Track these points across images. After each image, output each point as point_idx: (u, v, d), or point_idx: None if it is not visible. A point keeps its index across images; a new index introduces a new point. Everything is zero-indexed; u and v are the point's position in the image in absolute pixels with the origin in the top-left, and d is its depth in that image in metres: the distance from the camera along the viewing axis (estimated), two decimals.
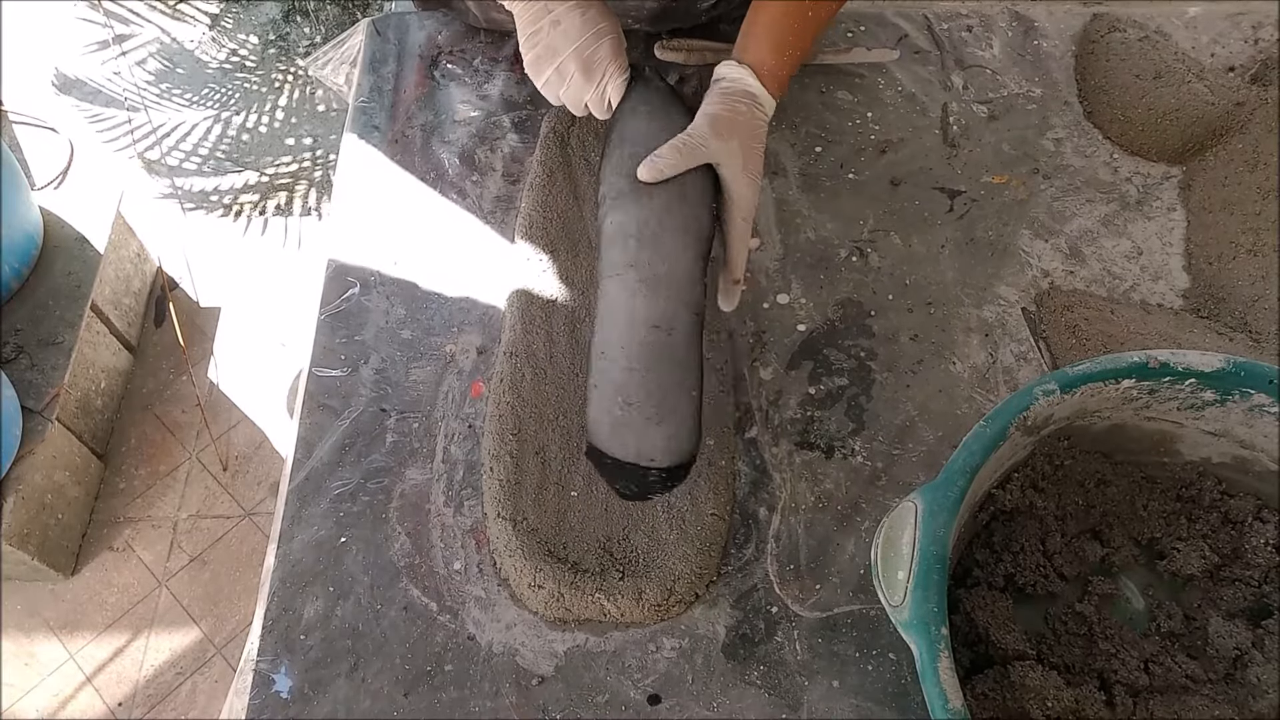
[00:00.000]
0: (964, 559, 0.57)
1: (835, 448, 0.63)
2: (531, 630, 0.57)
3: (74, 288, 1.47)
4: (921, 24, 0.86)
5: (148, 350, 1.64)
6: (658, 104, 0.63)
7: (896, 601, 0.45)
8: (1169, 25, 0.85)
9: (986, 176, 0.77)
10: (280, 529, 0.61)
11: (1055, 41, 0.85)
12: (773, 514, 0.61)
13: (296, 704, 0.55)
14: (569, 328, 0.67)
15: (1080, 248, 0.73)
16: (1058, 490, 0.57)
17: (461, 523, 0.61)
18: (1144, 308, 0.69)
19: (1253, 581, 0.54)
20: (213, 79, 1.93)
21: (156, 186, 1.79)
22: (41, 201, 1.55)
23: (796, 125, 0.79)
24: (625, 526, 0.59)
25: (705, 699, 0.54)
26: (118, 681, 1.34)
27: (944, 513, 0.46)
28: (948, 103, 0.81)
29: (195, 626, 1.39)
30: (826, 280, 0.71)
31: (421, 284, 0.71)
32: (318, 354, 0.68)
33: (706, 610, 0.57)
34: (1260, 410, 0.51)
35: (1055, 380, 0.50)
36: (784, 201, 0.75)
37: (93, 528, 1.46)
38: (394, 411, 0.65)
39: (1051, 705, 0.49)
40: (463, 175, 0.77)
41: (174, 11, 1.99)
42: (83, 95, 1.89)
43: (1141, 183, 0.77)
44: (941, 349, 0.68)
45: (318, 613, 0.57)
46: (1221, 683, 0.52)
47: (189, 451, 1.54)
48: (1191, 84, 0.76)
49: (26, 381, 1.37)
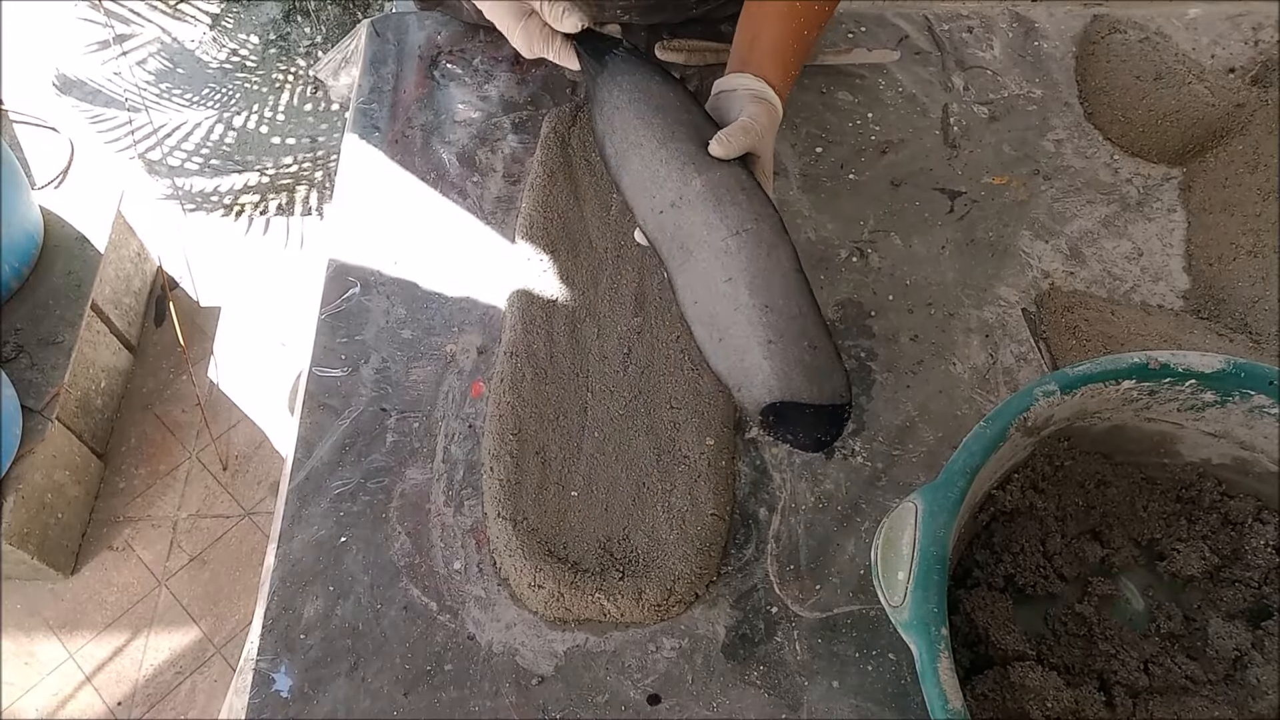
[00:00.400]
0: (964, 559, 0.57)
1: (835, 448, 0.63)
2: (531, 630, 0.57)
3: (74, 287, 1.48)
4: (922, 25, 0.86)
5: (148, 350, 1.64)
6: (655, 88, 0.64)
7: (896, 602, 0.45)
8: (1169, 26, 0.85)
9: (987, 177, 0.77)
10: (280, 528, 0.61)
11: (1056, 43, 0.85)
12: (773, 514, 0.61)
13: (296, 703, 0.55)
14: (569, 328, 0.67)
15: (1081, 249, 0.73)
16: (1058, 491, 0.57)
17: (462, 522, 0.61)
18: (1144, 309, 0.69)
19: (1252, 583, 0.54)
20: (213, 79, 1.93)
21: (157, 187, 1.79)
22: (42, 201, 1.55)
23: (797, 126, 0.80)
24: (625, 526, 0.59)
25: (705, 699, 0.54)
26: (117, 681, 1.34)
27: (944, 513, 0.46)
28: (948, 104, 0.81)
29: (195, 626, 1.39)
30: (827, 281, 0.71)
31: (422, 284, 0.71)
32: (318, 354, 0.68)
33: (706, 610, 0.57)
34: (1260, 411, 0.51)
35: (1055, 381, 0.50)
36: (784, 202, 0.75)
37: (92, 527, 1.46)
38: (394, 411, 0.65)
39: (1051, 706, 0.49)
40: (463, 176, 0.77)
41: (174, 11, 1.99)
42: (83, 95, 1.89)
43: (1142, 184, 0.77)
44: (942, 350, 0.68)
45: (318, 612, 0.57)
46: (1221, 684, 0.52)
47: (189, 451, 1.54)
48: (1192, 85, 0.76)
49: (26, 381, 1.37)
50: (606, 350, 0.66)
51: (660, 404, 0.63)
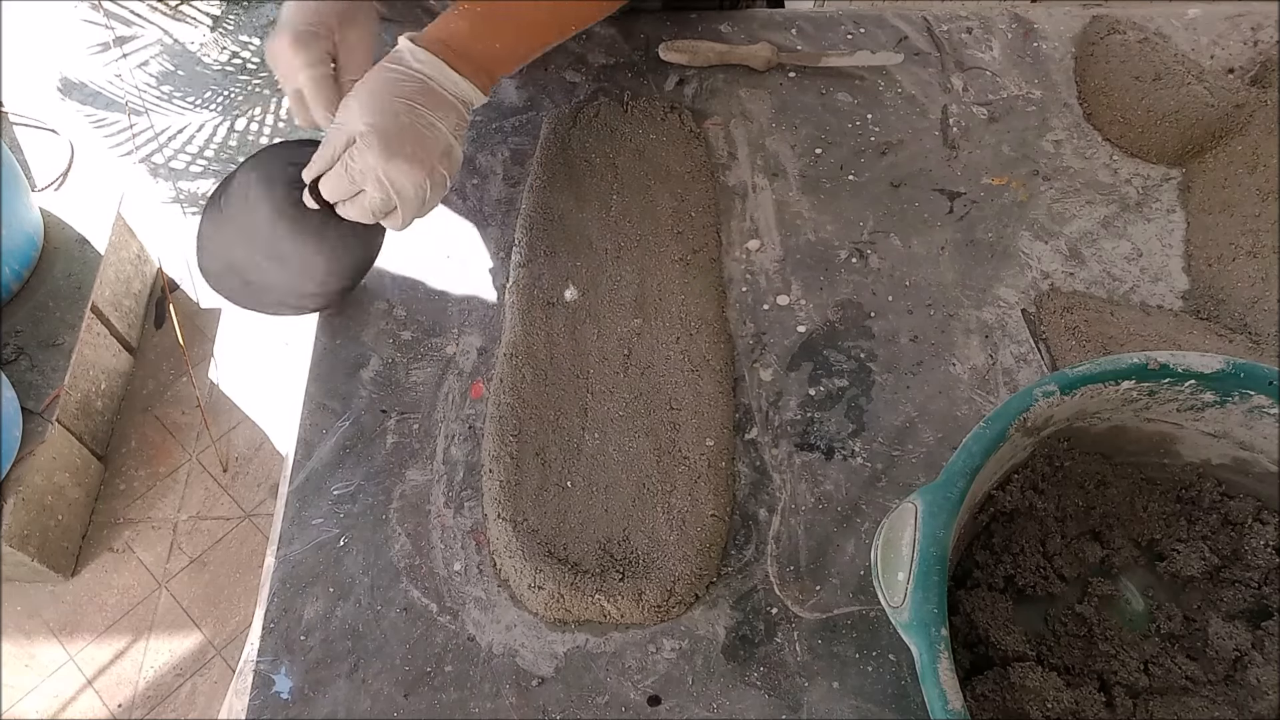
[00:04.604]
0: (964, 560, 0.57)
1: (835, 449, 0.63)
2: (531, 631, 0.57)
3: (74, 289, 1.48)
4: (921, 26, 0.86)
5: (148, 352, 1.64)
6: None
7: (896, 603, 0.45)
8: (1168, 27, 0.85)
9: (986, 178, 0.77)
10: (280, 530, 0.61)
11: (1055, 43, 0.85)
12: (773, 515, 0.61)
13: (296, 705, 0.55)
14: (569, 329, 0.67)
15: (1080, 249, 0.73)
16: (1058, 491, 0.57)
17: (462, 524, 0.61)
18: (1144, 309, 0.69)
19: (1252, 583, 0.54)
20: (215, 81, 1.93)
21: (159, 189, 1.79)
22: (42, 203, 1.55)
23: (797, 127, 0.80)
24: (625, 527, 0.59)
25: (705, 700, 0.54)
26: (117, 683, 1.34)
27: (944, 514, 0.46)
28: (947, 105, 0.81)
29: (195, 628, 1.39)
30: (826, 281, 0.71)
31: (422, 285, 0.71)
32: (318, 354, 0.68)
33: (706, 611, 0.57)
34: (1260, 412, 0.51)
35: (1055, 382, 0.50)
36: (784, 203, 0.75)
37: (93, 529, 1.46)
38: (394, 412, 0.65)
39: (1051, 706, 0.49)
40: (463, 178, 0.77)
41: (175, 13, 1.99)
42: (84, 97, 1.89)
43: (1141, 184, 0.77)
44: (941, 350, 0.68)
45: (318, 613, 0.58)
46: (1221, 684, 0.52)
47: (189, 453, 1.54)
48: (1191, 86, 0.76)
49: (27, 383, 1.37)
50: (606, 351, 0.66)
51: (660, 405, 0.63)
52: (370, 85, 0.58)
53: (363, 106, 0.57)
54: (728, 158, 0.78)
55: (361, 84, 0.59)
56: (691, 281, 0.69)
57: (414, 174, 0.57)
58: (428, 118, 0.58)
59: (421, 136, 0.58)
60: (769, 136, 0.79)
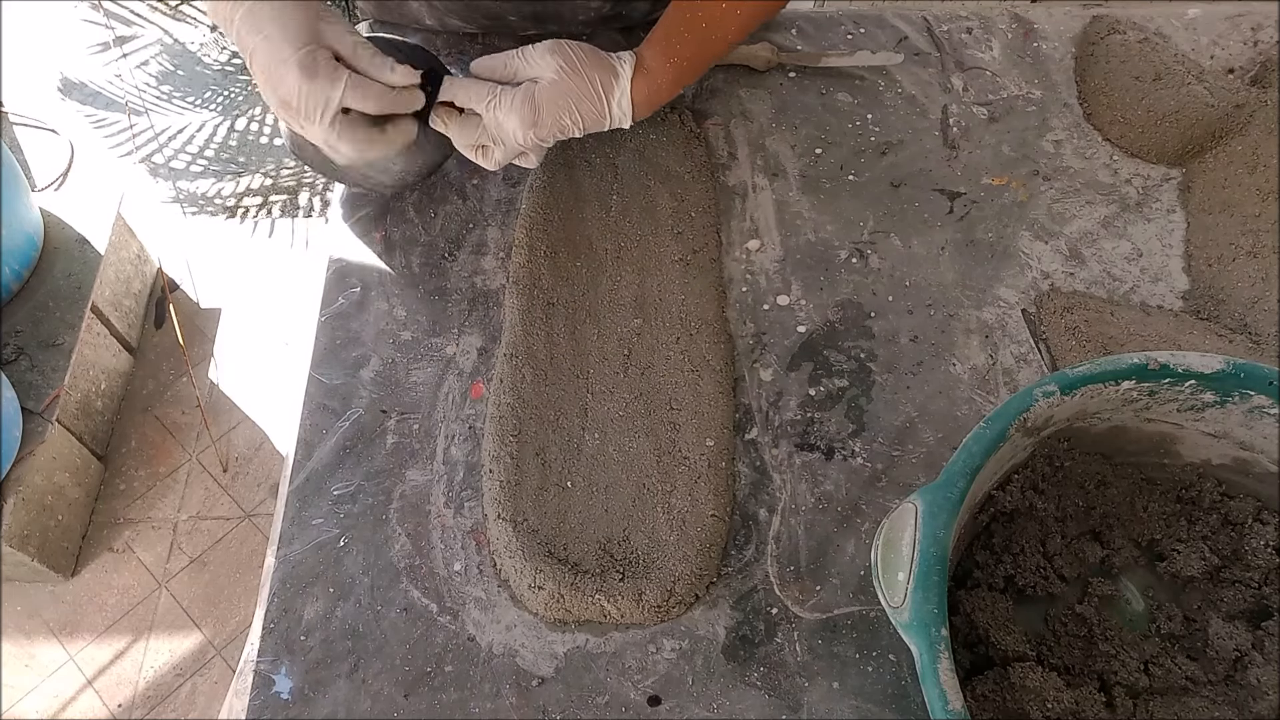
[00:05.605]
0: (964, 560, 0.57)
1: (835, 449, 0.63)
2: (531, 631, 0.57)
3: (74, 289, 1.48)
4: (921, 26, 0.86)
5: (148, 352, 1.64)
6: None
7: (896, 603, 0.45)
8: (1168, 27, 0.85)
9: (986, 178, 0.77)
10: (280, 530, 0.61)
11: (1055, 43, 0.85)
12: (773, 515, 0.61)
13: (296, 705, 0.55)
14: (569, 329, 0.67)
15: (1080, 249, 0.73)
16: (1058, 492, 0.57)
17: (462, 524, 0.61)
18: (1144, 309, 0.69)
19: (1253, 583, 0.54)
20: (215, 81, 1.93)
21: (159, 189, 1.79)
22: (42, 203, 1.55)
23: (797, 127, 0.80)
24: (625, 527, 0.59)
25: (705, 700, 0.54)
26: (117, 683, 1.34)
27: (944, 514, 0.46)
28: (947, 105, 0.81)
29: (195, 628, 1.39)
30: (826, 282, 0.71)
31: (422, 285, 0.71)
32: (318, 355, 0.68)
33: (707, 611, 0.57)
34: (1260, 412, 0.51)
35: (1055, 382, 0.50)
36: (784, 203, 0.75)
37: (93, 529, 1.46)
38: (394, 413, 0.65)
39: (1051, 706, 0.49)
40: (463, 177, 0.77)
41: (175, 13, 1.99)
42: (84, 97, 1.89)
43: (1141, 184, 0.77)
44: (941, 350, 0.68)
45: (318, 614, 0.58)
46: (1221, 684, 0.52)
47: (189, 453, 1.54)
48: (1191, 86, 0.76)
49: (27, 383, 1.37)
50: (606, 351, 0.66)
51: (660, 405, 0.63)
52: (564, 88, 0.62)
53: (544, 94, 0.62)
54: (728, 158, 0.78)
55: (555, 81, 0.62)
56: (691, 281, 0.69)
57: (536, 159, 0.67)
58: (578, 128, 0.65)
59: (563, 132, 0.65)
60: (769, 136, 0.79)
